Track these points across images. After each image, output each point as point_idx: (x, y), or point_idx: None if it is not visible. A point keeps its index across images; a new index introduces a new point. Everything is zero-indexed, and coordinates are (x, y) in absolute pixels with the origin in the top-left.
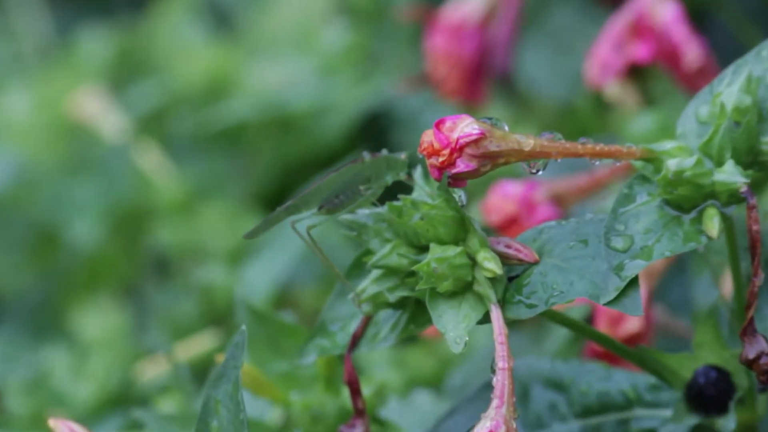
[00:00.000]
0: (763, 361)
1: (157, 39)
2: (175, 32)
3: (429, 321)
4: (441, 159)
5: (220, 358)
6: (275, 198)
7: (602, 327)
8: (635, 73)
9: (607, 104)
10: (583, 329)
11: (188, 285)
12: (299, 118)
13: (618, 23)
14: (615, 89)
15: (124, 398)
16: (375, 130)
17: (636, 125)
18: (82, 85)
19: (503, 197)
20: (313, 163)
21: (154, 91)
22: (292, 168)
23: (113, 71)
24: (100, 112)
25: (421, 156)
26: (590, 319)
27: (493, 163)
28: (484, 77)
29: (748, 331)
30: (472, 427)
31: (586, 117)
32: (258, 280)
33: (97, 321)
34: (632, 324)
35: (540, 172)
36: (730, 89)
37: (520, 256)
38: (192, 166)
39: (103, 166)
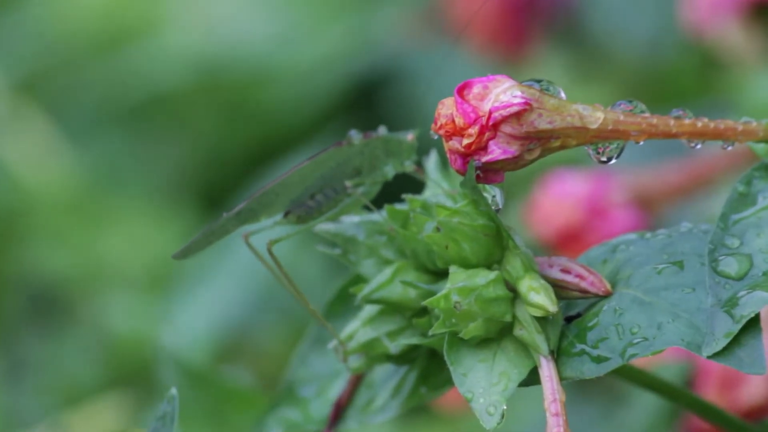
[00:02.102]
0: None
1: None
2: None
3: (448, 382)
4: (467, 141)
5: None
6: (218, 197)
7: (709, 393)
8: (762, 10)
9: (715, 59)
10: (679, 396)
11: (84, 328)
12: (253, 83)
13: None
14: (729, 35)
15: None
16: (367, 99)
17: (760, 89)
18: None
19: (560, 198)
20: (274, 147)
21: (24, 39)
22: (243, 153)
23: None
24: None
25: (436, 137)
26: (690, 380)
27: (543, 146)
28: (532, 19)
29: None
30: None
31: (682, 78)
32: (193, 321)
33: None
34: (754, 388)
35: (613, 161)
36: None
37: (584, 285)
38: (91, 149)
39: None
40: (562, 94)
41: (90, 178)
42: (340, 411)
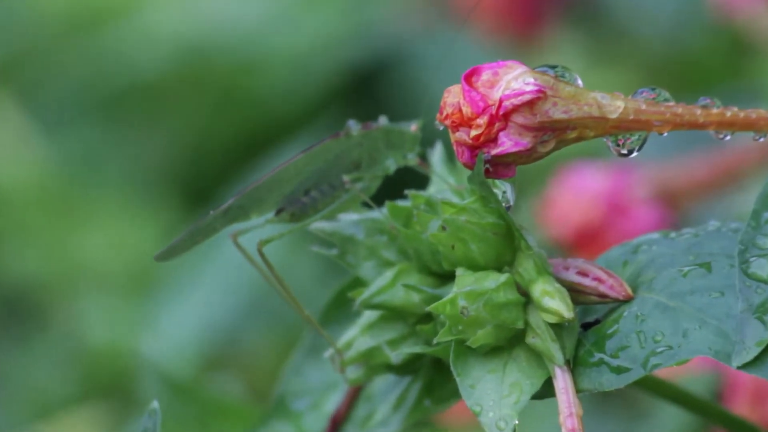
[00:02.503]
0: None
1: None
2: None
3: (455, 394)
4: (475, 132)
5: None
6: (204, 192)
7: (740, 406)
8: None
9: (745, 43)
10: (707, 410)
11: (58, 334)
12: (242, 68)
13: None
14: (761, 17)
15: None
16: (366, 87)
17: None
18: None
19: (576, 195)
20: (265, 138)
21: None
22: (231, 145)
23: None
24: None
25: (441, 127)
26: (719, 393)
27: (558, 138)
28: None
29: None
30: None
31: (710, 63)
32: (177, 328)
33: None
34: None
35: (634, 154)
36: None
37: (603, 289)
38: (65, 141)
39: None
40: (579, 81)
41: (65, 171)
42: (336, 426)
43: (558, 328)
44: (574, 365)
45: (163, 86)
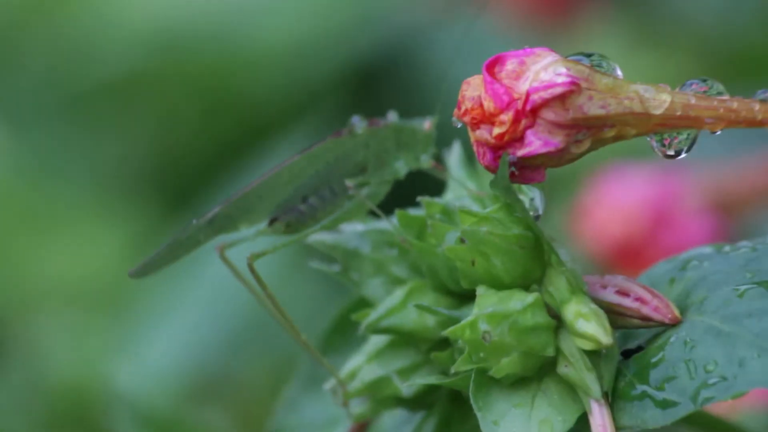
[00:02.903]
0: None
1: None
2: None
3: (475, 431)
4: (498, 130)
5: None
6: (184, 197)
7: None
8: None
9: None
10: None
11: (13, 362)
12: (228, 63)
13: None
14: None
15: None
16: (373, 81)
17: None
18: None
19: (616, 202)
20: (254, 136)
21: None
22: (216, 145)
23: None
24: None
25: (459, 125)
26: None
27: (594, 137)
28: None
29: None
30: None
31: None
32: (157, 354)
33: None
34: None
35: (683, 155)
36: None
37: (647, 310)
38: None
39: None
40: (618, 72)
41: (25, 174)
42: None
43: (594, 355)
44: (613, 399)
45: (135, 81)
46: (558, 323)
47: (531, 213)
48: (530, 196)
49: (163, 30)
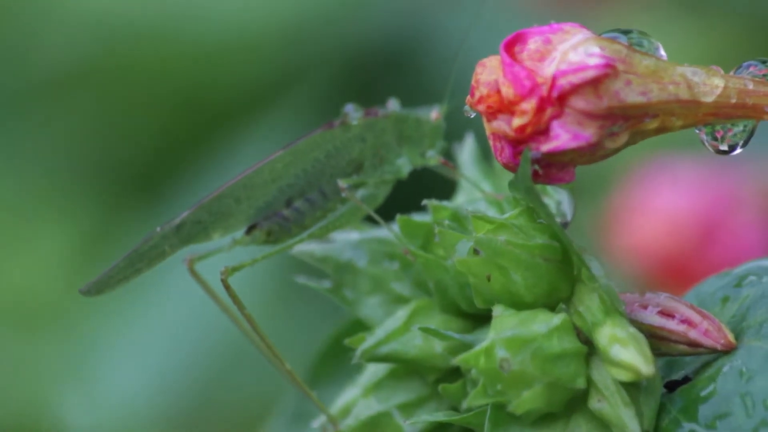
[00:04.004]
0: None
1: None
2: None
3: None
4: (519, 121)
5: None
6: (141, 196)
7: None
8: None
9: None
10: None
11: None
12: (186, 53)
13: None
14: None
15: None
16: (372, 67)
17: None
18: None
19: (659, 206)
20: (220, 129)
21: None
22: (176, 139)
23: None
24: None
25: (473, 114)
26: None
27: (632, 129)
28: None
29: None
30: None
31: None
32: (117, 384)
33: None
34: None
35: (738, 150)
36: None
37: (694, 334)
38: None
39: None
40: (662, 52)
41: None
42: None
43: (633, 388)
44: None
45: (83, 73)
46: (590, 350)
47: (557, 219)
48: (556, 199)
49: (113, 17)
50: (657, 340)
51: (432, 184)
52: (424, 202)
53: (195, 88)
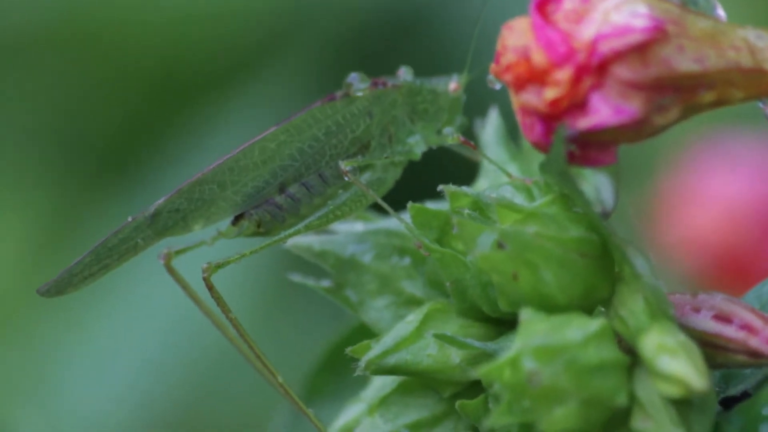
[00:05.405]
0: None
1: None
2: None
3: None
4: (552, 93)
5: None
6: (109, 175)
7: None
8: None
9: None
10: None
11: None
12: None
13: None
14: None
15: None
16: (381, 32)
17: None
18: None
19: (716, 195)
20: (194, 100)
21: None
22: (163, 109)
23: None
24: None
25: (498, 85)
26: None
27: (685, 102)
28: None
29: None
30: None
31: None
32: (83, 398)
33: None
34: None
35: None
36: None
37: (755, 343)
38: None
39: None
40: (720, 12)
41: None
42: None
43: (683, 405)
44: None
45: (42, 37)
46: (633, 360)
47: (597, 209)
48: (595, 184)
49: None
50: (712, 350)
51: (450, 167)
52: (441, 187)
53: (171, 55)
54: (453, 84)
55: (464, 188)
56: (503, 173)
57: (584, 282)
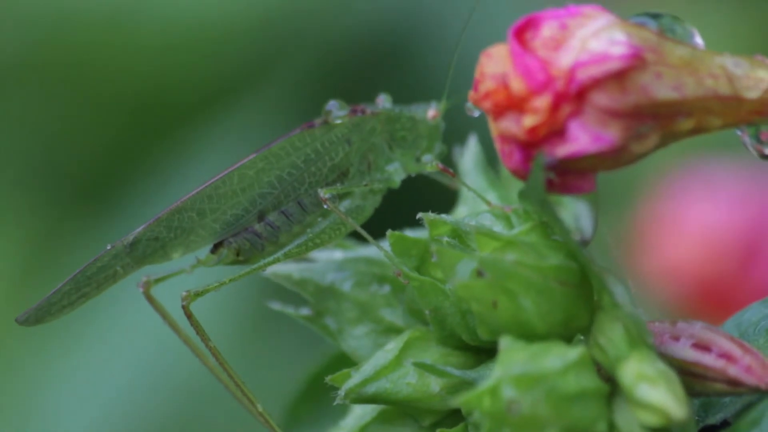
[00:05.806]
0: None
1: None
2: None
3: None
4: (531, 120)
5: None
6: (89, 201)
7: None
8: None
9: None
10: None
11: None
12: (134, 46)
13: None
14: None
15: None
16: (359, 61)
17: None
18: None
19: (695, 223)
20: (175, 128)
21: None
22: (144, 136)
23: None
24: None
25: (477, 113)
26: None
27: (663, 129)
28: None
29: None
30: None
31: None
32: (63, 425)
33: None
34: None
35: None
36: None
37: (734, 371)
38: None
39: None
40: (698, 39)
41: None
42: None
43: None
44: None
45: (25, 63)
46: (612, 389)
47: (576, 236)
48: (574, 212)
49: (61, 1)
50: (691, 378)
51: (429, 195)
52: (420, 215)
53: (153, 83)
54: (432, 111)
55: (443, 216)
56: (482, 201)
57: (563, 310)
